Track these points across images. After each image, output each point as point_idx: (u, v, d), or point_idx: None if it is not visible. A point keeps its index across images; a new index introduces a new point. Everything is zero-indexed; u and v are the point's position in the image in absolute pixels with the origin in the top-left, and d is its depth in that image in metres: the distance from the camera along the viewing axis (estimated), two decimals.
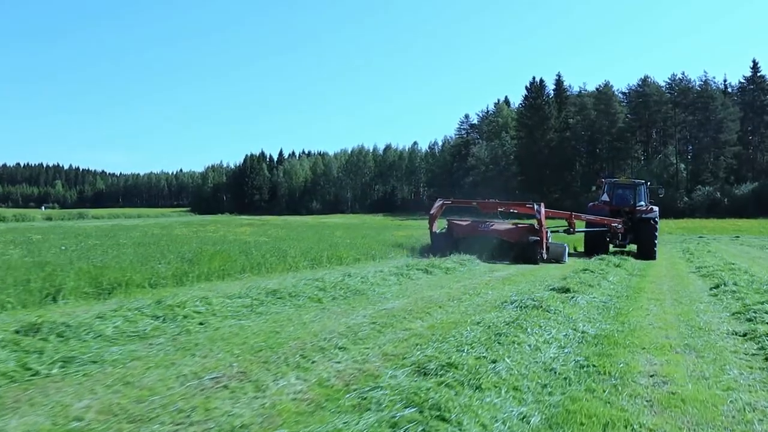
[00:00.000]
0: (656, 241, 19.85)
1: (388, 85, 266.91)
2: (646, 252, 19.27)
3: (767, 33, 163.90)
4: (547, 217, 17.34)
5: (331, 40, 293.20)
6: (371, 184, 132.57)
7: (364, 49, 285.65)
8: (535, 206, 16.97)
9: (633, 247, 20.92)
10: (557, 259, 17.23)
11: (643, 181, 21.89)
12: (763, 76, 78.28)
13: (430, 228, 18.19)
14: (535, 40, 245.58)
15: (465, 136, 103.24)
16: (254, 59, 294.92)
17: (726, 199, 67.91)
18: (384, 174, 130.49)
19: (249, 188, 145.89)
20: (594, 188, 28.82)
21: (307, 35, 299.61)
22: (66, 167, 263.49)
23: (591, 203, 21.89)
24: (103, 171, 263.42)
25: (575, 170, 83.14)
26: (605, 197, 21.21)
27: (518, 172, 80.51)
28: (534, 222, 17.19)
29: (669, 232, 39.24)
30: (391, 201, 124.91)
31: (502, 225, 18.03)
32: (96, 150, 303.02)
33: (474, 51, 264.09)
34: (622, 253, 19.54)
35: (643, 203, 20.58)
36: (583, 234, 20.54)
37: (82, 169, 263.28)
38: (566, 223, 19.37)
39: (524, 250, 16.41)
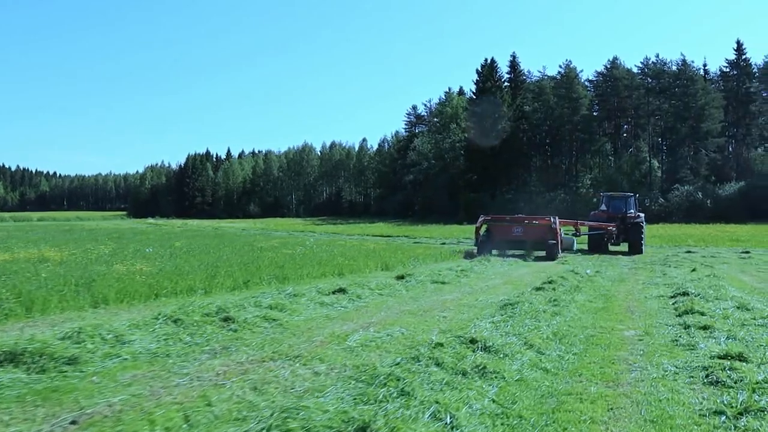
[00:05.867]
0: (643, 240, 23.85)
1: (340, 79, 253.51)
2: (635, 249, 23.14)
3: (750, 13, 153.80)
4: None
5: (290, 36, 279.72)
6: (315, 185, 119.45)
7: (323, 41, 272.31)
8: (552, 219, 21.24)
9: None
10: (568, 248, 21.91)
11: (632, 194, 26.85)
12: (748, 60, 66.93)
13: (476, 235, 21.69)
14: (494, 26, 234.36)
15: (413, 129, 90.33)
16: (210, 58, 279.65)
17: (708, 201, 56.04)
18: (329, 174, 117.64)
19: (190, 190, 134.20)
20: (595, 200, 35.00)
21: (267, 34, 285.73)
22: (13, 168, 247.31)
23: (592, 212, 26.57)
24: (55, 173, 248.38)
25: (533, 166, 70.62)
26: (603, 207, 25.86)
27: (466, 169, 67.51)
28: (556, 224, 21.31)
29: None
30: (337, 204, 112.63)
31: (529, 230, 21.83)
32: (52, 151, 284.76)
33: (432, 39, 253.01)
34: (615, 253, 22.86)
35: (632, 211, 25.03)
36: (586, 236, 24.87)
37: (32, 171, 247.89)
38: (573, 229, 24.36)
39: (546, 249, 20.23)
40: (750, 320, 7.71)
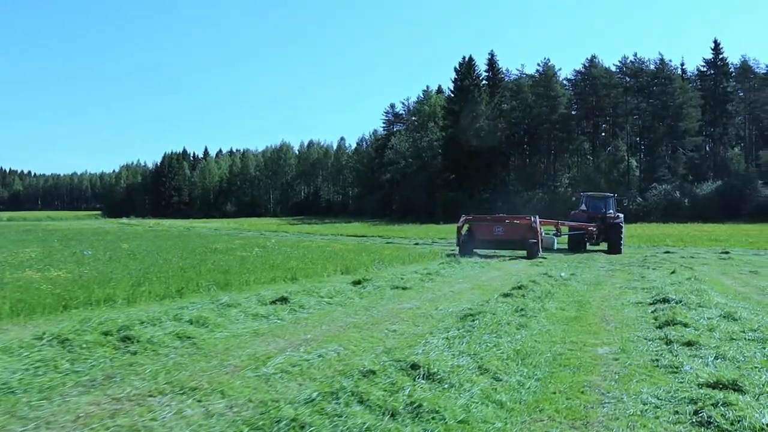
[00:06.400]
0: (622, 240, 23.91)
1: (319, 78, 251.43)
2: (614, 249, 23.28)
3: (727, 12, 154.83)
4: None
5: (269, 36, 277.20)
6: (293, 185, 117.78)
7: (302, 41, 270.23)
8: (533, 218, 21.34)
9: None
10: (549, 248, 22.08)
11: (612, 194, 27.21)
12: (725, 59, 67.09)
13: (458, 235, 21.51)
14: (473, 25, 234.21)
15: (391, 128, 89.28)
16: (189, 58, 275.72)
17: (686, 200, 55.96)
18: (307, 173, 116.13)
19: (167, 189, 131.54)
20: (574, 199, 35.37)
21: (246, 34, 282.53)
22: None
23: (573, 211, 27.07)
24: (29, 172, 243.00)
25: (512, 165, 70.06)
26: (583, 207, 26.15)
27: (443, 168, 66.63)
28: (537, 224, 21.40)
29: None
30: (314, 203, 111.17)
31: (510, 230, 21.97)
32: (27, 150, 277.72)
33: (411, 37, 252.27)
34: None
35: (612, 211, 25.33)
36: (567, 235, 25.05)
37: (5, 170, 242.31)
38: (554, 229, 24.30)
39: (527, 249, 20.23)
40: (739, 333, 6.80)
